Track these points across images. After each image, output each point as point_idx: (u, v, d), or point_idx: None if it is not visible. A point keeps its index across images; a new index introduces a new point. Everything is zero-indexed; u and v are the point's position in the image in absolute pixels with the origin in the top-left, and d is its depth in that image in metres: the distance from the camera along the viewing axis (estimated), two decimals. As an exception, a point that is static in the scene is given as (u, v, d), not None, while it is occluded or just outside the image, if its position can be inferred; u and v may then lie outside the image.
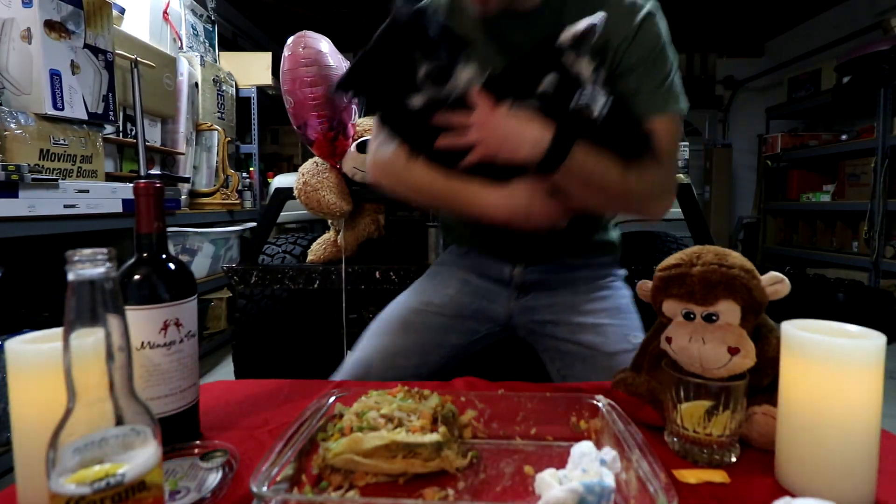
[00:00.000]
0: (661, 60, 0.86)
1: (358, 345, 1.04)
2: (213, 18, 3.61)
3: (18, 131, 1.74)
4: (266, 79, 3.71)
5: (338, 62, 1.44)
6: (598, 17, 0.74)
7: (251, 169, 3.77)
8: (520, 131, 0.75)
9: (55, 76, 1.84)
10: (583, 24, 0.74)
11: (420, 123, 0.78)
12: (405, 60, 0.75)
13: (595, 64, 0.76)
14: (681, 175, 1.47)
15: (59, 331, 0.44)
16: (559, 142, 0.74)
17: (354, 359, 1.01)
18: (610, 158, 0.77)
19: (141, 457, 0.40)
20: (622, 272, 1.14)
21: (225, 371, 2.84)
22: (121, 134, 2.47)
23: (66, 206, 1.82)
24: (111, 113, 2.11)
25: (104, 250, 0.40)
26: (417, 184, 0.86)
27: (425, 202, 0.90)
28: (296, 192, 1.59)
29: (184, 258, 2.62)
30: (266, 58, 3.76)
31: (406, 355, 1.00)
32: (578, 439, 0.62)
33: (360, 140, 1.55)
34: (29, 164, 1.68)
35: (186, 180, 2.91)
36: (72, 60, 1.90)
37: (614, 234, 1.15)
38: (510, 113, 0.75)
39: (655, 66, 0.85)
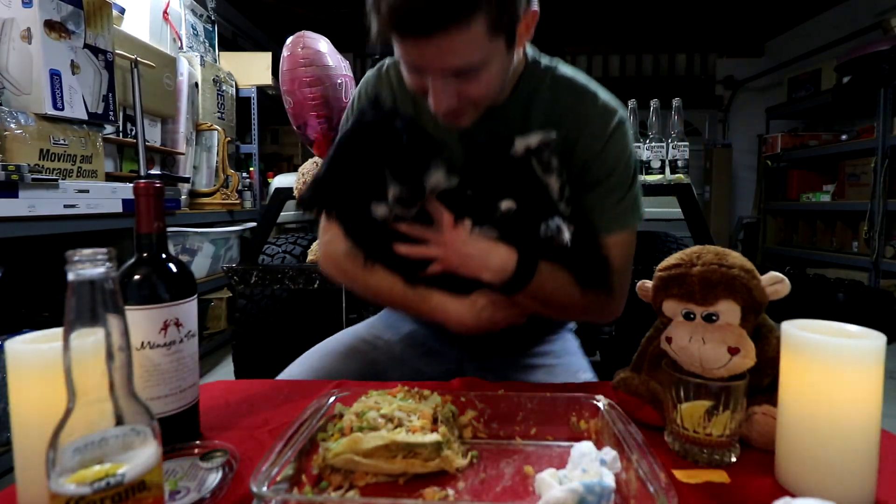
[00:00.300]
0: (626, 173, 0.84)
1: (296, 360, 1.01)
2: (213, 18, 3.61)
3: (18, 131, 1.73)
4: (266, 79, 3.71)
5: (337, 62, 1.44)
6: (551, 134, 0.73)
7: (251, 169, 3.77)
8: (484, 256, 0.74)
9: (55, 76, 1.84)
10: (535, 138, 0.73)
11: (382, 232, 0.75)
12: (372, 168, 0.70)
13: (562, 180, 0.75)
14: (681, 175, 1.47)
15: (59, 331, 0.44)
16: (524, 269, 0.74)
17: (286, 375, 0.99)
18: (569, 279, 0.78)
19: (141, 457, 0.40)
20: (572, 325, 1.17)
21: (225, 371, 2.84)
22: (121, 134, 2.47)
23: (66, 206, 1.82)
24: (111, 113, 2.11)
25: (104, 250, 0.40)
26: (375, 288, 0.83)
27: (382, 304, 0.88)
28: (296, 192, 1.59)
29: (184, 258, 2.62)
30: (266, 58, 3.76)
31: (339, 380, 0.93)
32: (578, 439, 0.62)
33: (360, 140, 1.55)
34: (29, 164, 1.68)
35: (186, 180, 2.91)
36: (72, 60, 1.90)
37: None
38: (473, 236, 0.74)
39: (621, 180, 0.83)
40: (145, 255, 0.63)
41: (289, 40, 1.41)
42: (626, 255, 0.84)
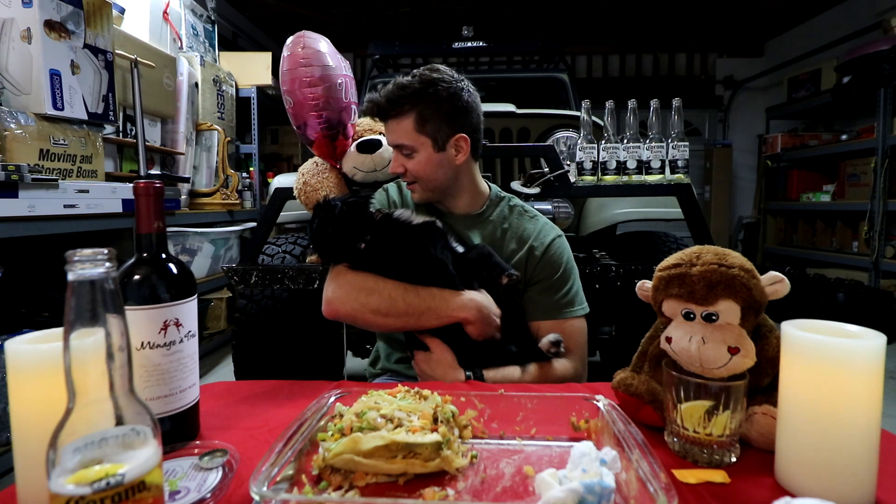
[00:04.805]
0: (567, 274, 1.11)
1: None
2: (213, 18, 3.61)
3: (18, 131, 1.73)
4: (266, 79, 3.71)
5: (337, 62, 1.44)
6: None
7: (251, 169, 3.76)
8: (440, 378, 0.96)
9: (55, 76, 1.84)
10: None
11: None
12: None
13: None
14: (681, 175, 1.47)
15: (59, 331, 0.44)
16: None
17: None
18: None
19: (141, 457, 0.40)
20: None
21: (225, 371, 2.84)
22: (121, 134, 2.47)
23: (66, 206, 1.82)
24: (111, 113, 2.11)
25: (104, 250, 0.40)
26: (388, 294, 0.99)
27: (391, 316, 1.00)
28: (296, 192, 1.59)
29: (184, 258, 2.62)
30: (266, 58, 3.76)
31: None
32: (578, 439, 0.62)
33: (360, 140, 1.55)
34: (29, 164, 1.68)
35: (186, 180, 2.91)
36: (72, 60, 1.90)
37: None
38: (436, 362, 0.97)
39: (563, 279, 1.10)
40: (145, 255, 0.63)
41: (289, 40, 1.41)
42: (580, 334, 1.09)
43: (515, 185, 1.56)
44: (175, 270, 0.64)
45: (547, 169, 1.56)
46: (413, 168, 1.09)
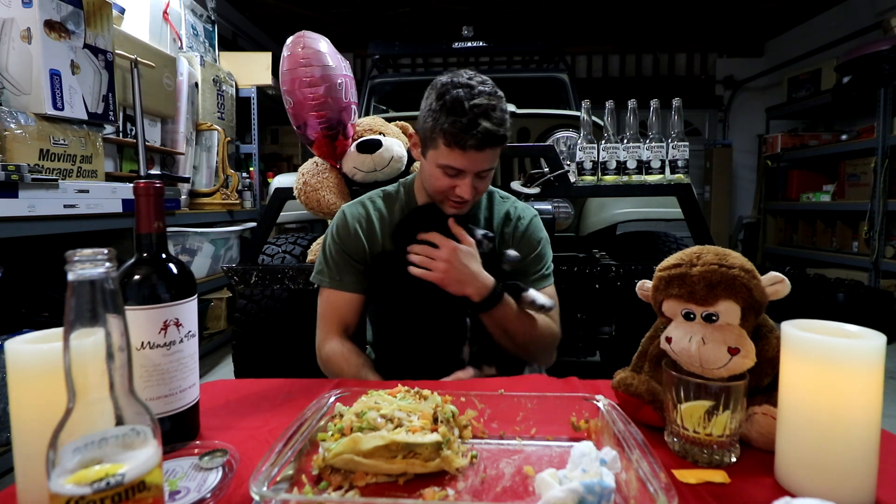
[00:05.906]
0: (544, 250, 1.19)
1: None
2: (213, 18, 3.61)
3: (18, 131, 1.73)
4: (266, 79, 3.71)
5: (337, 62, 1.44)
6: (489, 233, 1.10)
7: (251, 169, 3.76)
8: (473, 274, 1.01)
9: (55, 76, 1.84)
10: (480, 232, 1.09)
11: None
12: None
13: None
14: (681, 175, 1.47)
15: (59, 331, 0.44)
16: (495, 293, 1.02)
17: None
18: (522, 322, 1.06)
19: (141, 457, 0.40)
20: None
21: (225, 371, 2.84)
22: (121, 134, 2.47)
23: (66, 206, 1.82)
24: (111, 113, 2.11)
25: (104, 250, 0.40)
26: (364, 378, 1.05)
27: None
28: (296, 192, 1.59)
29: (184, 258, 2.62)
30: (266, 58, 3.76)
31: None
32: (578, 439, 0.62)
33: (360, 140, 1.55)
34: (29, 164, 1.68)
35: (186, 180, 2.91)
36: (72, 60, 1.90)
37: None
38: (471, 255, 1.02)
39: (542, 253, 1.18)
40: (145, 255, 0.63)
41: (289, 40, 1.41)
42: (555, 297, 1.17)
43: (515, 185, 1.56)
44: (175, 270, 0.64)
45: (547, 169, 1.56)
46: (482, 188, 1.09)
